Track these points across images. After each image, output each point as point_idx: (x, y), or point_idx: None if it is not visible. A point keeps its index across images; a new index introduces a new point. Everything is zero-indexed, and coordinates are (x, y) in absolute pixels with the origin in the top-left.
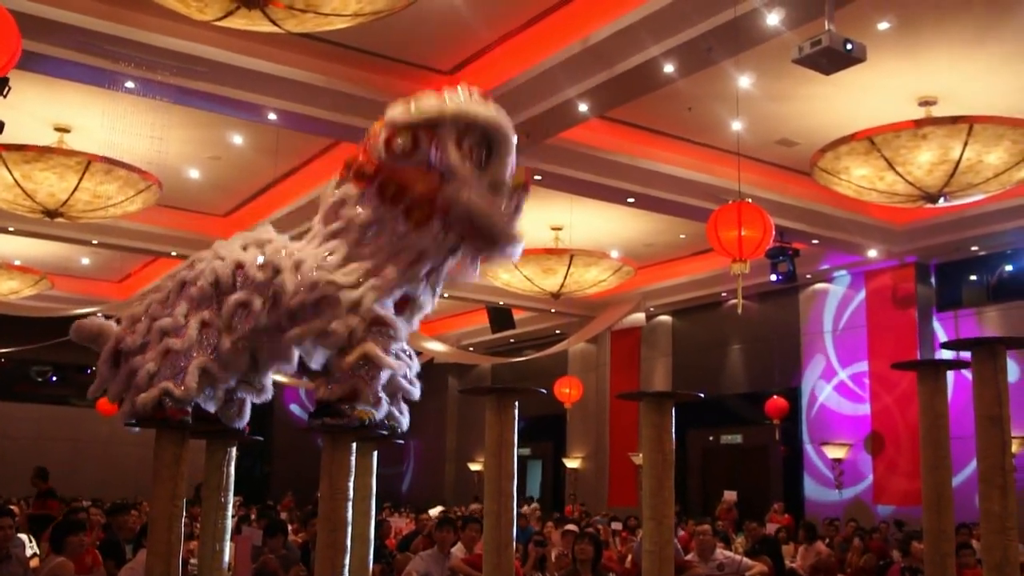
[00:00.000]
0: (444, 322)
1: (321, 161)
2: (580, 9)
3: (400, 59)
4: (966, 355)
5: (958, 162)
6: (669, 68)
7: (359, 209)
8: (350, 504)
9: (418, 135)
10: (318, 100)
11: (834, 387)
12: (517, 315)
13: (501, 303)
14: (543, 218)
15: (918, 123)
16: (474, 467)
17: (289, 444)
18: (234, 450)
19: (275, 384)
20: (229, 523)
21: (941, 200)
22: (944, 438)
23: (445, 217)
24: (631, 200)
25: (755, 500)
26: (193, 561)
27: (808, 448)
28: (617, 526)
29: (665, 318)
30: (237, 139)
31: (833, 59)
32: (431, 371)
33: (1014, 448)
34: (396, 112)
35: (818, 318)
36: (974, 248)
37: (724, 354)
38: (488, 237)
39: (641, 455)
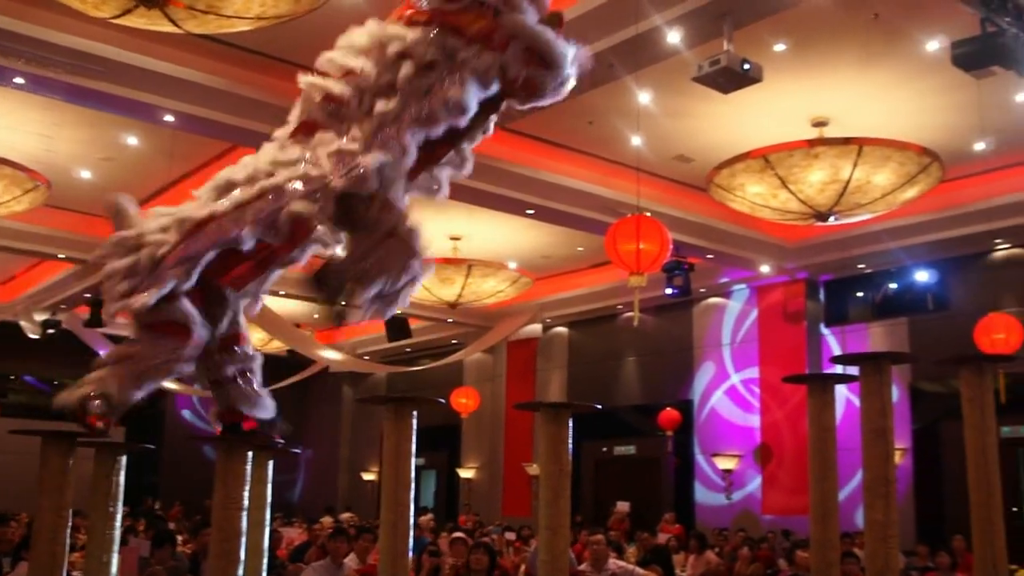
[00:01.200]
0: (340, 330)
1: (218, 165)
2: None
3: (302, 64)
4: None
5: (848, 182)
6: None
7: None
8: (244, 514)
9: None
10: (216, 103)
11: (726, 399)
12: (413, 324)
13: (398, 312)
14: (442, 227)
15: (811, 143)
16: (368, 476)
17: (178, 452)
18: (124, 459)
19: (167, 392)
20: (117, 534)
21: (831, 218)
22: (831, 450)
23: (503, 53)
24: (531, 212)
25: (647, 510)
26: (76, 573)
27: (699, 459)
28: (511, 536)
29: (561, 330)
30: (131, 140)
31: (731, 78)
32: (326, 380)
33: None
34: None
35: (711, 331)
36: (861, 266)
37: (619, 366)
38: (551, 62)
39: (536, 465)
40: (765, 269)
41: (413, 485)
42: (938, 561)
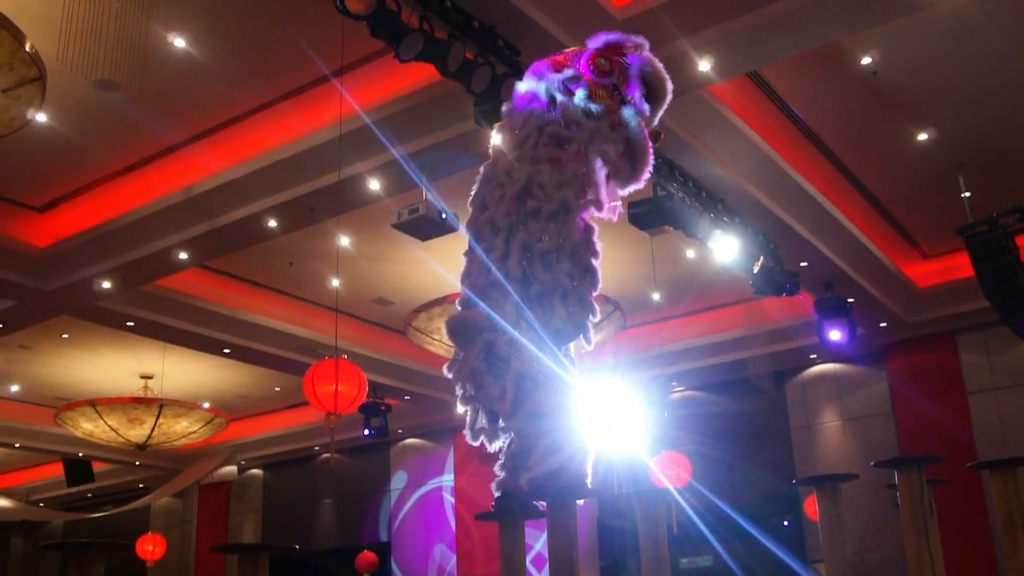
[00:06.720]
0: (10, 476)
1: None
2: (185, 159)
3: None
4: None
5: None
6: (272, 224)
7: None
8: None
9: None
10: None
11: (423, 541)
12: (97, 468)
13: (80, 454)
14: (133, 366)
15: None
16: None
17: None
18: None
19: None
20: None
21: None
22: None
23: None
24: (227, 351)
25: None
26: None
27: None
28: None
29: (256, 471)
30: None
31: (428, 226)
32: None
33: None
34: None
35: (411, 473)
36: None
37: (315, 508)
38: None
39: None
40: (461, 411)
41: None
42: None
